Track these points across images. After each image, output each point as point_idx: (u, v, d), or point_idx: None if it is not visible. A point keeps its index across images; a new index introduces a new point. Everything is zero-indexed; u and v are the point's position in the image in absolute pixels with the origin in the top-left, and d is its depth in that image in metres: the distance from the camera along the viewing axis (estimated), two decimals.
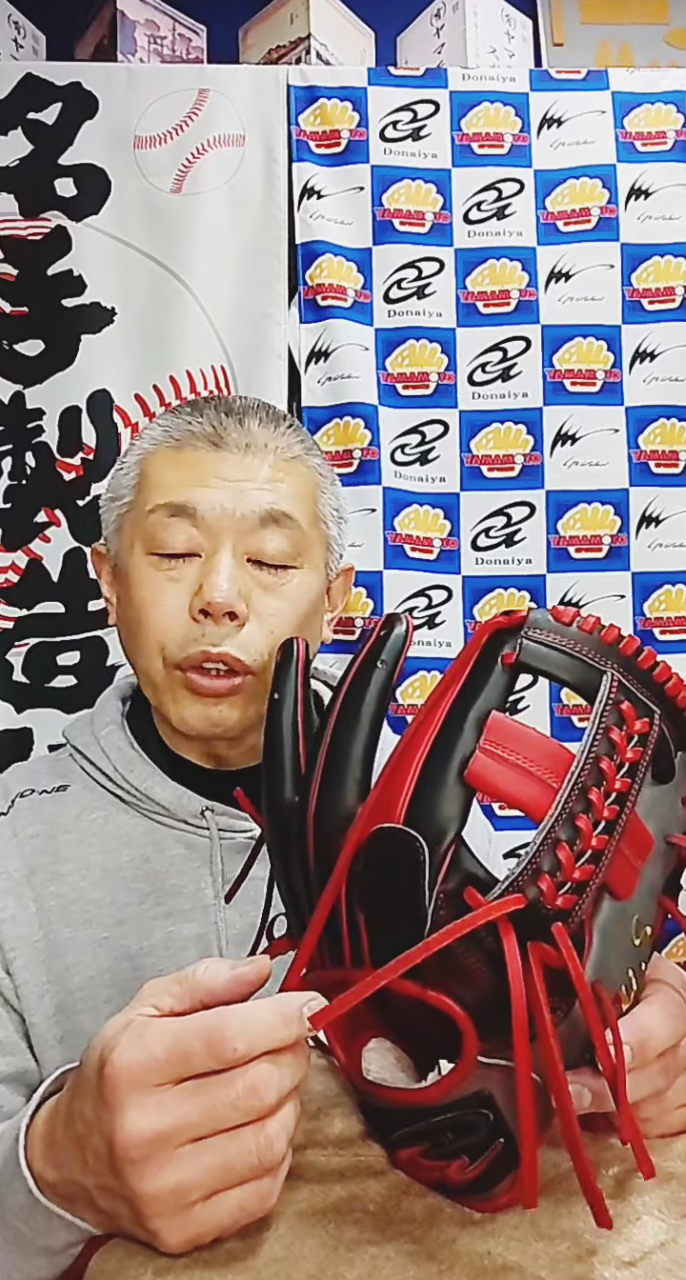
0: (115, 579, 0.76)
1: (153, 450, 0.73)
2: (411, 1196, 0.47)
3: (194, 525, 0.69)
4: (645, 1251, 0.43)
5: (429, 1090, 0.43)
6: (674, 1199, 0.47)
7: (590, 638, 0.44)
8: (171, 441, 0.72)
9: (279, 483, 0.72)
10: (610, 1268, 0.42)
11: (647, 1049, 0.45)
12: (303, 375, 1.48)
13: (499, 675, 0.43)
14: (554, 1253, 0.43)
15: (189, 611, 0.69)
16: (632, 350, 1.50)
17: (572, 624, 0.44)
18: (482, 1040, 0.41)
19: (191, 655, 0.68)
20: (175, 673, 0.69)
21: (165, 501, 0.70)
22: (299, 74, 1.51)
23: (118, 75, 1.49)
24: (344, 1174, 0.48)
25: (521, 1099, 0.40)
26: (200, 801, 0.73)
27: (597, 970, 0.43)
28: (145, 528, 0.70)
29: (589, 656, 0.44)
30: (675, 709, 0.46)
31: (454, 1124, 0.44)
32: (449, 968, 0.40)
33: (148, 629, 0.70)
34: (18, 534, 1.44)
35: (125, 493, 0.73)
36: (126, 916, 0.70)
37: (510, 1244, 0.44)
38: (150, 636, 0.70)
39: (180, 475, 0.70)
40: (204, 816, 0.72)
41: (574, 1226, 0.45)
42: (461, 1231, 0.44)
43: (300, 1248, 0.44)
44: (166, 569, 0.70)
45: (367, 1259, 0.43)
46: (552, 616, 0.44)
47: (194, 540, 0.69)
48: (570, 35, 1.75)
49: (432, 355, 1.50)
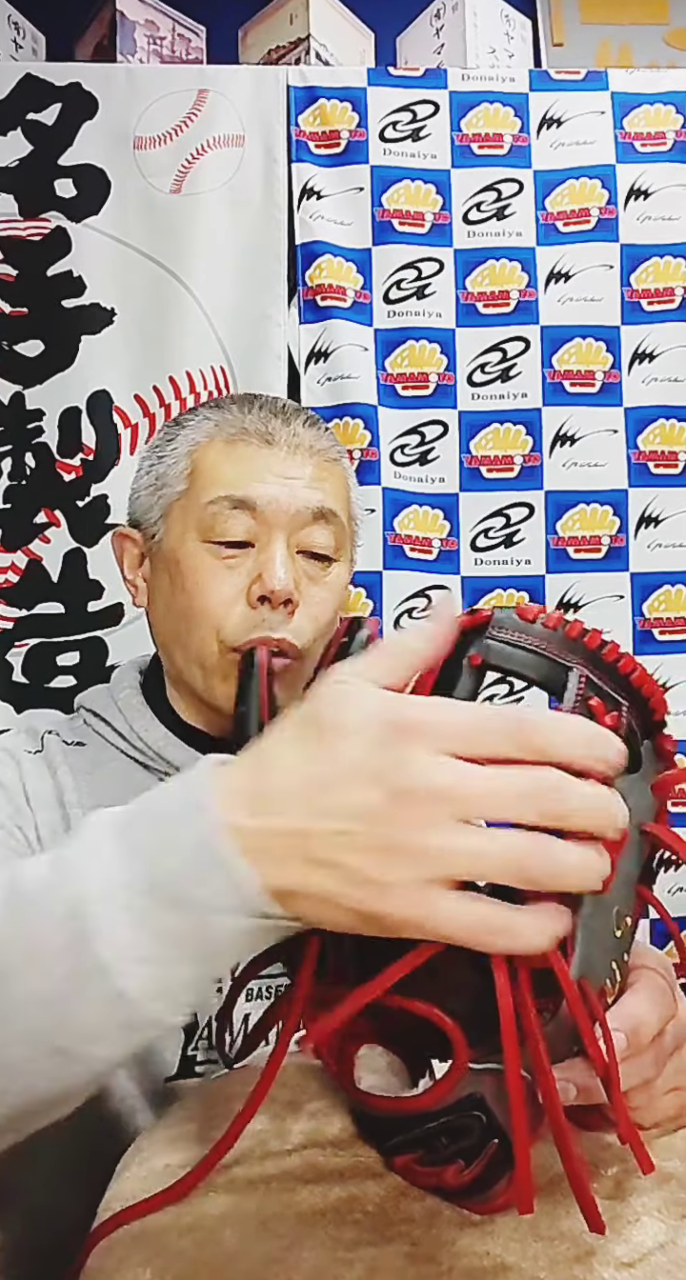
0: (155, 563, 0.79)
1: (205, 443, 0.76)
2: (410, 1198, 0.47)
3: (252, 517, 0.73)
4: (644, 1253, 0.43)
5: (421, 1098, 0.43)
6: (673, 1200, 0.47)
7: (555, 634, 0.44)
8: (225, 436, 0.75)
9: (324, 481, 0.76)
10: (609, 1269, 0.42)
11: (640, 1036, 0.45)
12: (302, 376, 1.48)
13: (467, 677, 0.43)
14: (553, 1253, 0.43)
15: (247, 598, 0.73)
16: (632, 351, 1.50)
17: (537, 621, 0.44)
18: (473, 1046, 0.41)
19: (251, 640, 0.71)
20: (229, 656, 0.73)
21: (226, 494, 0.73)
22: (298, 74, 1.51)
23: (117, 76, 1.49)
24: (343, 1175, 0.48)
25: (513, 1106, 0.40)
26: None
27: (582, 966, 0.43)
28: (203, 517, 0.74)
29: (555, 653, 0.44)
30: (641, 700, 0.46)
31: (447, 1129, 0.44)
32: (434, 976, 0.40)
33: (205, 613, 0.73)
34: (17, 534, 1.44)
35: (176, 482, 0.76)
36: None
37: (509, 1245, 0.44)
38: (207, 620, 0.73)
39: (238, 470, 0.74)
40: None
41: (573, 1227, 0.45)
42: (460, 1232, 0.45)
43: (299, 1249, 0.44)
44: (224, 557, 0.73)
45: (367, 1260, 0.43)
46: (517, 615, 0.44)
47: (251, 531, 0.73)
48: (570, 35, 1.75)
49: (432, 356, 1.50)
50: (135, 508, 0.81)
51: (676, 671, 1.45)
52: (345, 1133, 0.52)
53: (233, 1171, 0.49)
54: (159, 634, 0.79)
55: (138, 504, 0.80)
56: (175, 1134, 0.53)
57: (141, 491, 0.80)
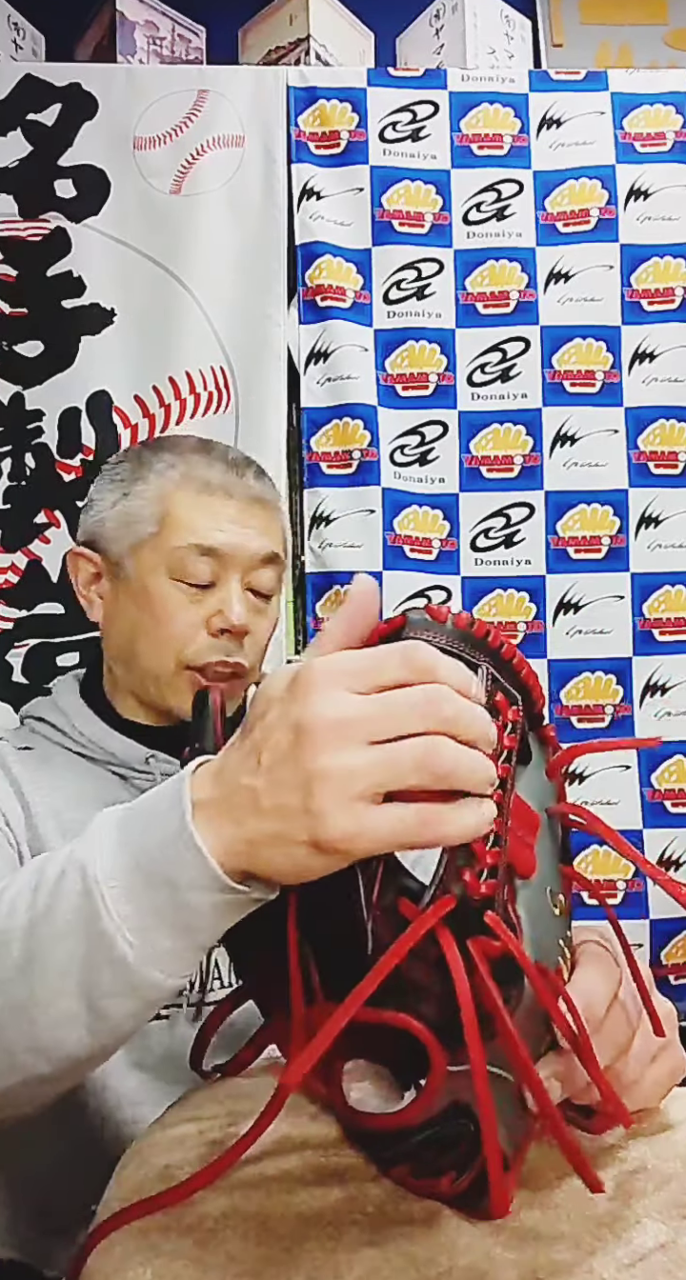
0: (115, 586, 0.90)
1: (174, 492, 0.87)
2: (410, 1198, 0.47)
3: (214, 560, 0.86)
4: (644, 1253, 0.43)
5: (404, 1112, 0.43)
6: (673, 1201, 0.47)
7: (465, 634, 0.46)
8: (194, 487, 0.87)
9: (271, 527, 0.90)
10: (610, 1269, 0.42)
11: (594, 1009, 0.47)
12: (302, 376, 1.48)
13: None
14: (553, 1253, 0.43)
15: (207, 628, 0.86)
16: (632, 351, 1.50)
17: (447, 621, 0.46)
18: (448, 1049, 0.41)
19: (210, 662, 0.85)
20: (185, 672, 0.86)
21: (196, 542, 0.86)
22: (298, 75, 1.51)
23: (117, 76, 1.49)
24: (343, 1176, 0.48)
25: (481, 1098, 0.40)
26: (145, 750, 0.87)
27: (534, 949, 0.44)
28: (173, 558, 0.86)
29: (465, 652, 0.45)
30: (528, 694, 0.49)
31: (436, 1140, 0.44)
32: (400, 985, 0.41)
33: (168, 638, 0.86)
34: (17, 535, 1.44)
35: (148, 523, 0.87)
36: None
37: (509, 1245, 0.44)
38: (170, 645, 0.86)
39: (204, 520, 0.86)
40: (148, 763, 0.86)
41: (573, 1228, 0.45)
42: (460, 1233, 0.45)
43: (299, 1249, 0.44)
44: (190, 594, 0.86)
45: (367, 1260, 0.43)
46: (429, 616, 0.46)
47: (213, 572, 0.86)
48: (569, 36, 1.75)
49: (432, 356, 1.50)
50: (98, 533, 0.91)
51: (676, 671, 1.45)
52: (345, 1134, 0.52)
53: (233, 1172, 0.49)
54: (114, 646, 0.91)
55: (102, 531, 0.90)
56: (175, 1134, 0.53)
57: (107, 522, 0.90)
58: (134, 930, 0.46)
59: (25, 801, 0.82)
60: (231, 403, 1.47)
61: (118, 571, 0.89)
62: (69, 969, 0.47)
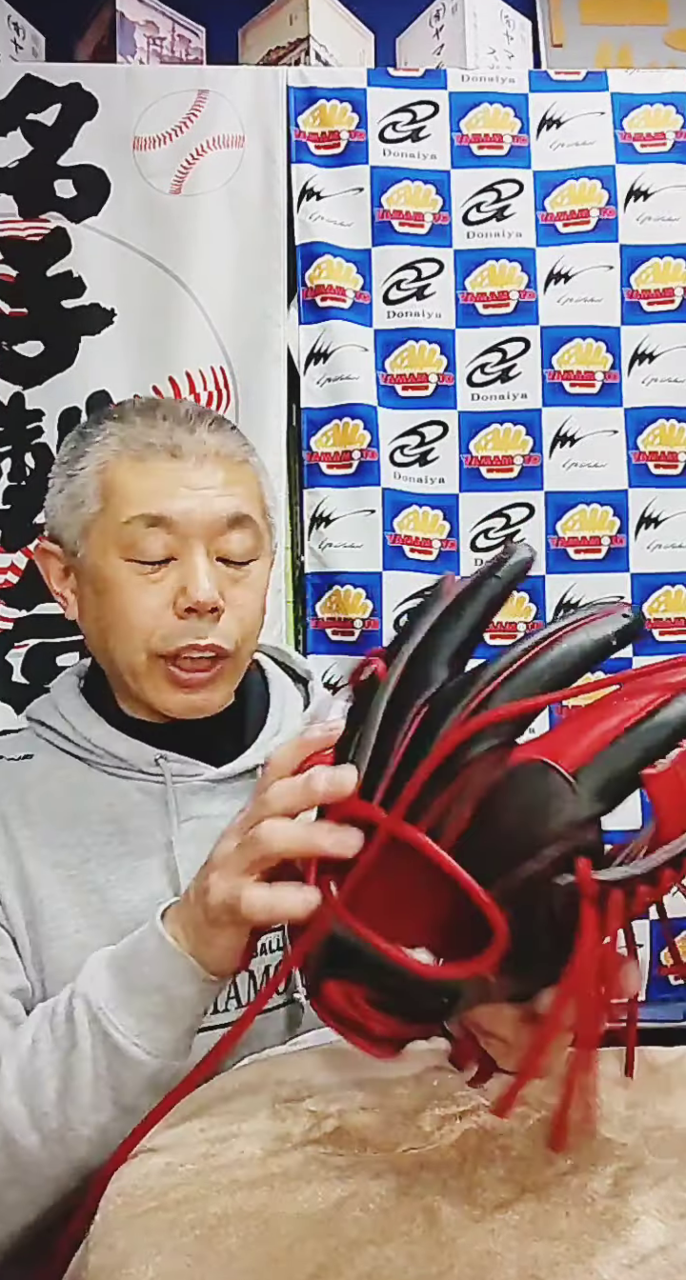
0: (79, 578, 0.81)
1: (113, 461, 0.77)
2: (411, 1197, 0.47)
3: (169, 532, 0.76)
4: (644, 1255, 0.43)
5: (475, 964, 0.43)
6: (671, 1198, 0.47)
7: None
8: (131, 452, 0.77)
9: (236, 485, 0.79)
10: (610, 1270, 0.42)
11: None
12: (302, 376, 1.48)
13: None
14: (553, 1254, 0.43)
15: (173, 610, 0.76)
16: (631, 351, 1.50)
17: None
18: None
19: (180, 648, 0.76)
20: (158, 662, 0.77)
21: (141, 513, 0.75)
22: (298, 75, 1.51)
23: (117, 76, 1.49)
24: (344, 1174, 0.48)
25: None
26: (153, 752, 0.79)
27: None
28: (122, 536, 0.76)
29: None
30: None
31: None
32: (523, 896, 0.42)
33: (132, 627, 0.76)
34: (17, 535, 1.44)
35: (91, 501, 0.78)
36: (92, 855, 0.76)
37: (510, 1245, 0.44)
38: (134, 634, 0.76)
39: (148, 486, 0.76)
40: (158, 765, 0.79)
41: (573, 1227, 0.45)
42: (461, 1232, 0.45)
43: (300, 1248, 0.44)
44: (147, 573, 0.76)
45: (367, 1259, 0.43)
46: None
47: (170, 546, 0.76)
48: (569, 36, 1.75)
49: (432, 356, 1.50)
50: (54, 523, 0.81)
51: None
52: (346, 1132, 0.52)
53: (234, 1171, 0.49)
54: (90, 641, 0.82)
55: (56, 520, 0.81)
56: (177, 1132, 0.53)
57: (58, 508, 0.81)
58: (139, 1035, 0.59)
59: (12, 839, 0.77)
60: (231, 403, 1.47)
61: (75, 562, 0.80)
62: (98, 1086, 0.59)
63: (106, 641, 0.78)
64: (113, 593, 0.76)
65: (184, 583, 0.75)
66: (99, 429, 0.80)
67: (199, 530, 0.76)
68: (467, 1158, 0.50)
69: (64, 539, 0.80)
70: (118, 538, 0.76)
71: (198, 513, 0.76)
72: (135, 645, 0.76)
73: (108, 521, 0.76)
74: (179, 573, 0.76)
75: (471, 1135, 0.51)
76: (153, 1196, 0.49)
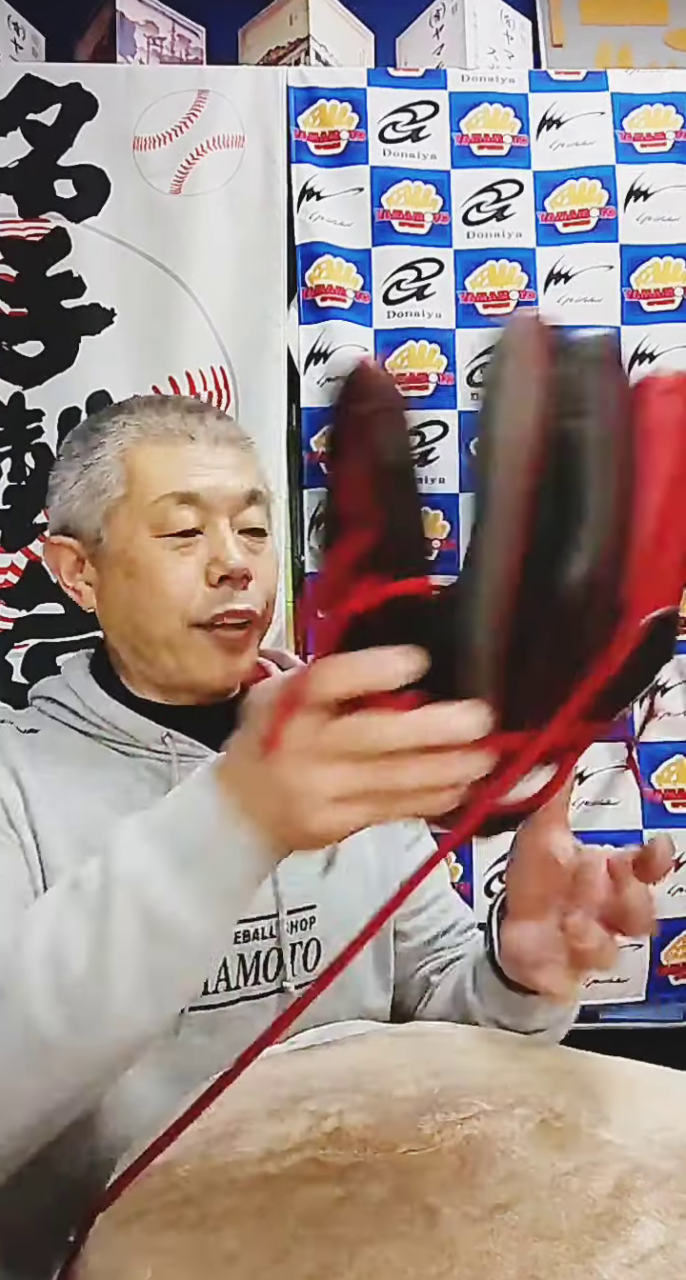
0: (102, 564, 0.84)
1: (133, 447, 0.83)
2: (410, 1197, 0.47)
3: (196, 508, 0.81)
4: (644, 1254, 0.43)
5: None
6: (672, 1200, 0.47)
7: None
8: (152, 438, 0.83)
9: (246, 466, 0.85)
10: (610, 1269, 0.42)
11: None
12: (302, 376, 1.48)
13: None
14: (553, 1254, 0.43)
15: (206, 580, 0.81)
16: (631, 352, 1.50)
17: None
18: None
19: (217, 614, 0.80)
20: (196, 632, 0.81)
21: (170, 491, 0.81)
22: (298, 75, 1.51)
23: (117, 76, 1.49)
24: (344, 1174, 0.48)
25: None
26: (161, 729, 0.82)
27: None
28: (152, 515, 0.81)
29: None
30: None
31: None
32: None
33: (168, 599, 0.80)
34: (17, 535, 1.44)
35: (114, 487, 0.82)
36: (97, 820, 0.78)
37: (509, 1245, 0.44)
38: (172, 605, 0.80)
39: (173, 467, 0.81)
40: (164, 742, 0.82)
41: (573, 1229, 0.45)
42: (461, 1232, 0.45)
43: (300, 1248, 0.44)
44: (178, 547, 0.81)
45: (367, 1259, 0.43)
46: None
47: (198, 519, 0.81)
48: (569, 36, 1.75)
49: (432, 356, 1.50)
50: (69, 516, 0.85)
51: (676, 671, 1.45)
52: (346, 1132, 0.52)
53: (233, 1171, 0.49)
54: (115, 628, 0.85)
55: (72, 512, 0.85)
56: None
57: (75, 500, 0.84)
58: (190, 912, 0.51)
59: (23, 786, 0.79)
60: (231, 403, 1.47)
61: (97, 549, 0.83)
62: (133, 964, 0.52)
63: (138, 620, 0.82)
64: (145, 570, 0.81)
65: (215, 553, 0.80)
66: (112, 422, 0.84)
67: (223, 505, 0.81)
68: (467, 1160, 0.50)
69: (82, 528, 0.84)
70: (147, 517, 0.81)
71: (218, 488, 0.81)
72: (173, 617, 0.80)
73: (134, 503, 0.81)
74: (208, 546, 0.81)
75: (472, 1139, 0.51)
76: (153, 1196, 0.49)
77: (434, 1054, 0.61)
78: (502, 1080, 0.57)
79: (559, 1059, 0.62)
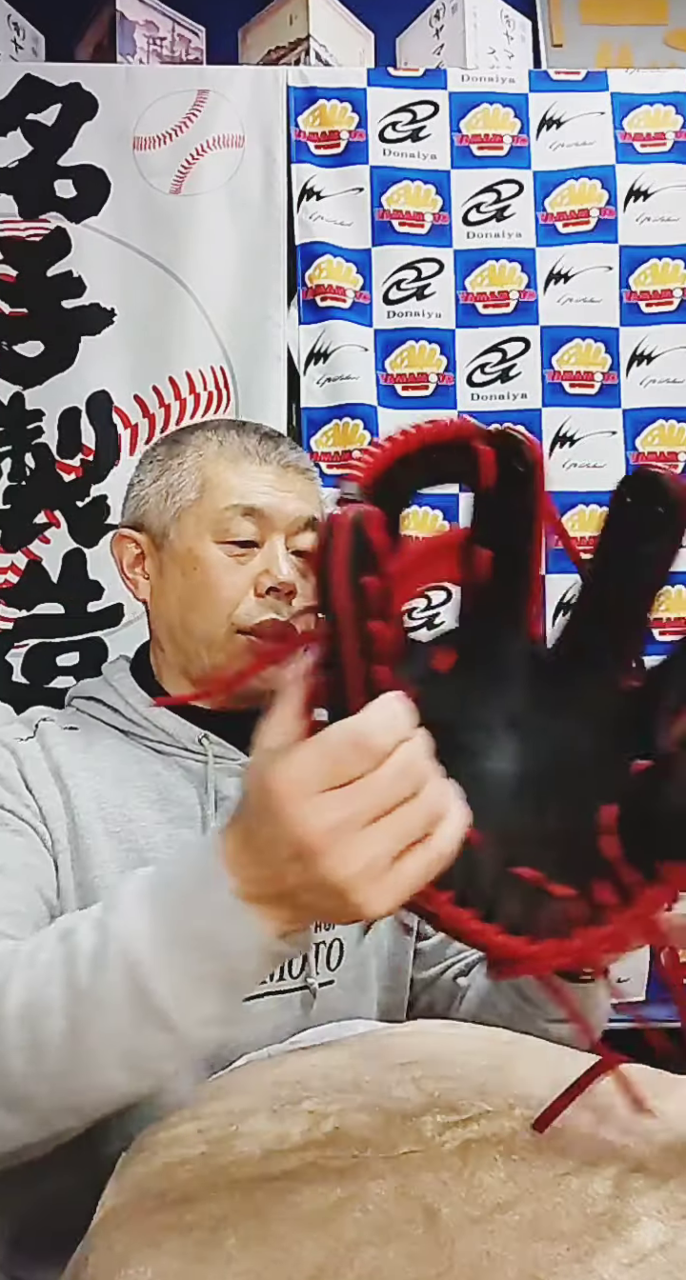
0: (165, 559, 0.91)
1: (213, 459, 0.90)
2: (410, 1198, 0.47)
3: (258, 522, 0.87)
4: (644, 1253, 0.43)
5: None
6: (672, 1200, 0.47)
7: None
8: (228, 455, 0.90)
9: (309, 494, 0.91)
10: (609, 1269, 0.42)
11: None
12: (302, 376, 1.48)
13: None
14: (553, 1254, 0.43)
15: (254, 590, 0.87)
16: (630, 352, 1.50)
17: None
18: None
19: (262, 623, 0.86)
20: (238, 637, 0.86)
21: (237, 503, 0.87)
22: (298, 75, 1.51)
23: (117, 76, 1.49)
24: (343, 1175, 0.48)
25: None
26: (198, 730, 0.87)
27: None
28: (218, 521, 0.87)
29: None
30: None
31: None
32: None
33: (218, 601, 0.86)
34: (17, 535, 1.44)
35: (189, 491, 0.89)
36: (135, 817, 0.83)
37: (509, 1245, 0.44)
38: (220, 607, 0.86)
39: (244, 483, 0.88)
40: (201, 743, 0.87)
41: (573, 1227, 0.45)
42: (460, 1232, 0.45)
43: (300, 1249, 0.44)
44: (235, 555, 0.87)
45: (367, 1260, 0.43)
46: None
47: (257, 533, 0.88)
48: (569, 36, 1.75)
49: (432, 356, 1.50)
50: (141, 512, 0.92)
51: None
52: (345, 1133, 0.52)
53: (233, 1171, 0.49)
54: (163, 621, 0.90)
55: (145, 508, 0.92)
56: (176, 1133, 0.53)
57: (151, 498, 0.92)
58: (186, 1000, 0.49)
59: (64, 785, 0.82)
60: (231, 403, 1.47)
61: (162, 545, 0.90)
62: (115, 1042, 0.50)
63: (187, 616, 0.88)
64: (202, 570, 0.87)
65: (267, 565, 0.87)
66: (196, 435, 0.92)
67: (282, 524, 0.88)
68: (467, 1160, 0.50)
69: (152, 526, 0.91)
70: (213, 523, 0.87)
71: (280, 508, 0.88)
72: (219, 618, 0.86)
73: (204, 509, 0.88)
74: (262, 558, 0.87)
75: (472, 1140, 0.51)
76: (152, 1196, 0.49)
77: (434, 1054, 0.61)
78: (503, 1080, 0.57)
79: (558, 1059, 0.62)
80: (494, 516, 0.49)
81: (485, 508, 0.49)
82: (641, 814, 0.47)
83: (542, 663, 0.53)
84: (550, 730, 0.52)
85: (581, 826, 0.48)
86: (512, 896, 0.46)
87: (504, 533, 0.51)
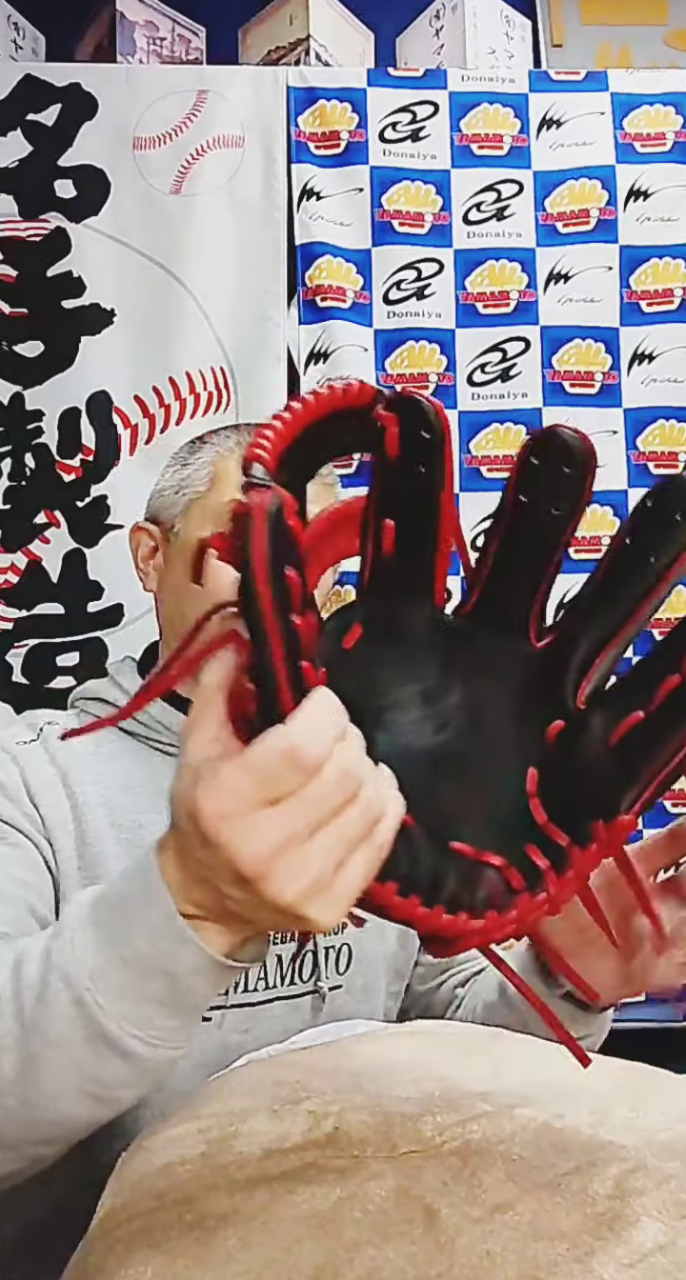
0: (172, 552, 0.91)
1: (226, 454, 0.90)
2: (410, 1198, 0.47)
3: None
4: (644, 1254, 0.43)
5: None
6: (673, 1200, 0.47)
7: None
8: (242, 450, 0.86)
9: (321, 497, 0.87)
10: (609, 1269, 0.42)
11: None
12: (302, 376, 1.48)
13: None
14: (553, 1254, 0.43)
15: None
16: (630, 352, 1.50)
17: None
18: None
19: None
20: None
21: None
22: (298, 75, 1.51)
23: (117, 76, 1.49)
24: (343, 1175, 0.48)
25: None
26: None
27: None
28: (223, 513, 0.86)
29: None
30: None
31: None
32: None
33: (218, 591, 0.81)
34: (17, 535, 1.44)
35: (199, 484, 0.89)
36: (144, 821, 0.81)
37: (509, 1245, 0.44)
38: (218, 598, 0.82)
39: None
40: None
41: (573, 1227, 0.45)
42: (460, 1233, 0.45)
43: (299, 1249, 0.44)
44: None
45: (366, 1260, 0.43)
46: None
47: None
48: (569, 36, 1.75)
49: (432, 356, 1.50)
50: (157, 505, 0.93)
51: None
52: (345, 1133, 0.52)
53: (233, 1171, 0.49)
54: (166, 612, 0.91)
55: (160, 501, 0.92)
56: (175, 1133, 0.53)
57: (166, 491, 0.92)
58: (136, 1023, 0.48)
59: (71, 791, 0.81)
60: (231, 403, 1.47)
61: (170, 536, 0.91)
62: (70, 1072, 0.49)
63: (186, 607, 0.87)
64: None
65: None
66: (218, 435, 0.92)
67: None
68: (467, 1160, 0.49)
69: (163, 518, 0.91)
70: (218, 515, 0.87)
71: None
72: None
73: (210, 501, 0.88)
74: None
75: (472, 1140, 0.51)
76: (152, 1196, 0.49)
77: (434, 1054, 0.61)
78: (503, 1080, 0.57)
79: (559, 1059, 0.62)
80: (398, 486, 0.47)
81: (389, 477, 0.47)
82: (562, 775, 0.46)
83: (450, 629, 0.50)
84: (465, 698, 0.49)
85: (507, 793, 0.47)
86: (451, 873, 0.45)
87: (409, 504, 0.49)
